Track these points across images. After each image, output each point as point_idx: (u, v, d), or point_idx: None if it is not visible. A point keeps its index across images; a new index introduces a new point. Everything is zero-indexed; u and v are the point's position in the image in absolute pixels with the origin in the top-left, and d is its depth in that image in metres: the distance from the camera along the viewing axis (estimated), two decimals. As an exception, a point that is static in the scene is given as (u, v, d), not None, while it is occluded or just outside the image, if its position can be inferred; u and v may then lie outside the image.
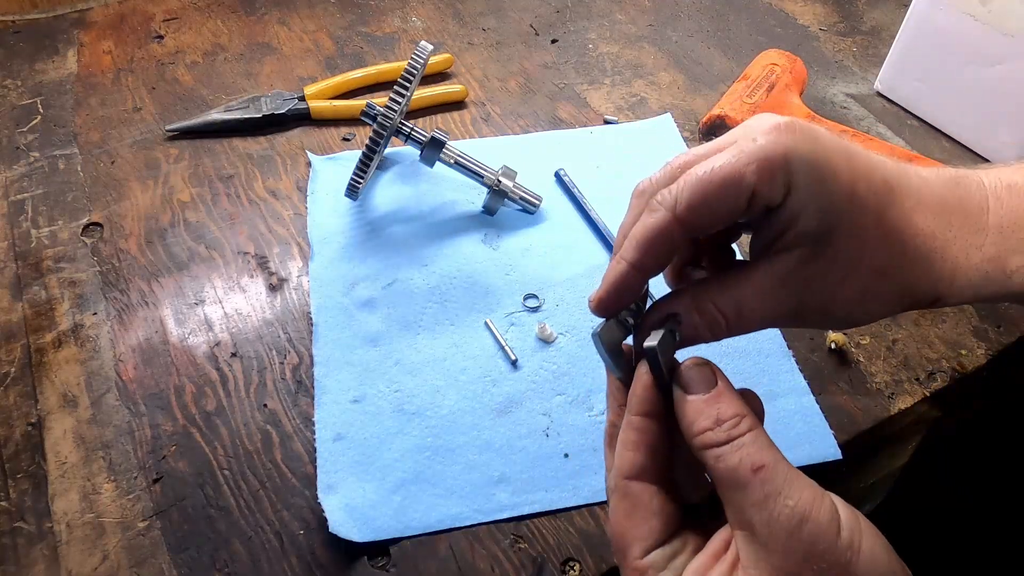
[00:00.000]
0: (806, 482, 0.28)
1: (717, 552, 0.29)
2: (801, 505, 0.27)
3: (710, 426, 0.29)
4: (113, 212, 0.64)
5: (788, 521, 0.27)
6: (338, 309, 0.56)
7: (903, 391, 0.53)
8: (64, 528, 0.45)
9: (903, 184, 0.34)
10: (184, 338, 0.55)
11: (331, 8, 0.88)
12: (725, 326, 0.33)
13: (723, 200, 0.31)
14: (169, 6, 0.87)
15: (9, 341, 0.55)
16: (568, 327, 0.56)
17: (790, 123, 0.31)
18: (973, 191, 0.36)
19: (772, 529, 0.27)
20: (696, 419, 0.30)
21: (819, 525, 0.27)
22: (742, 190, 0.30)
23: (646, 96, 0.77)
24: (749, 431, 0.29)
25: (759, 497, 0.27)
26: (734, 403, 0.30)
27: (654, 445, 0.32)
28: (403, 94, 0.57)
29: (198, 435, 0.50)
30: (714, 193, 0.30)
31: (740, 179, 0.30)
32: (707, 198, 0.31)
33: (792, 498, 0.27)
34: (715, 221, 0.31)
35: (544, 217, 0.64)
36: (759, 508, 0.27)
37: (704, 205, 0.31)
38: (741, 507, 0.28)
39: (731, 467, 0.28)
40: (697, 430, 0.30)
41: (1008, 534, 0.89)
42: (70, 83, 0.76)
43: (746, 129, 0.32)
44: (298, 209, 0.64)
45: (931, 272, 0.34)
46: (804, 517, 0.27)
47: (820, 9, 0.90)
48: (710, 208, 0.31)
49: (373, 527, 0.45)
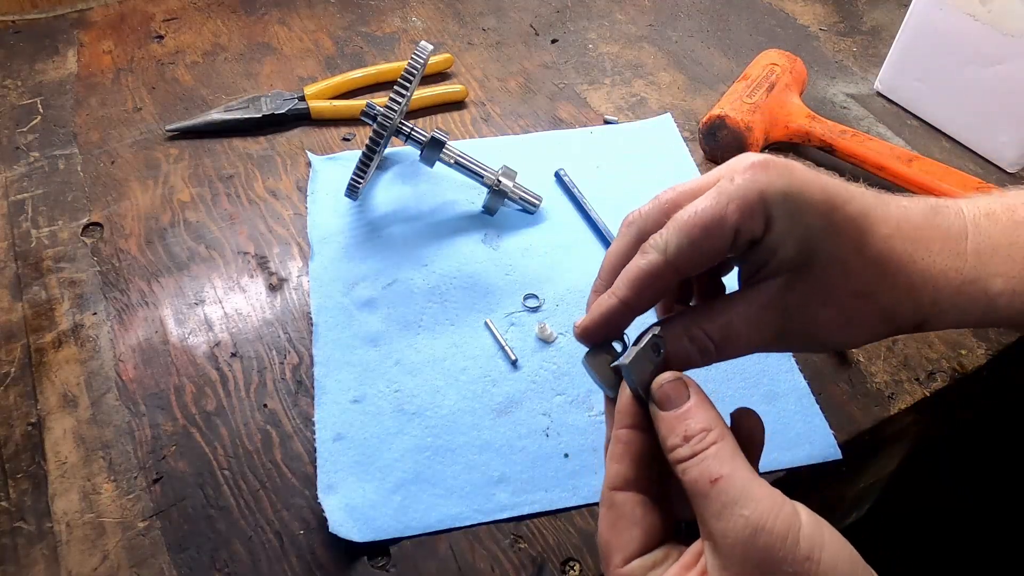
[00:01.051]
0: (766, 492, 0.28)
1: (688, 564, 0.30)
2: (756, 515, 0.27)
3: (679, 442, 0.31)
4: (113, 212, 0.64)
5: (742, 531, 0.27)
6: (338, 309, 0.56)
7: (903, 391, 0.53)
8: (64, 528, 0.45)
9: (881, 212, 0.36)
10: (184, 338, 0.55)
11: (331, 8, 0.88)
12: (714, 351, 0.34)
13: (710, 241, 0.33)
14: (169, 6, 0.87)
15: (9, 341, 0.55)
16: (568, 327, 0.56)
17: (764, 161, 0.33)
18: (952, 219, 0.37)
19: (728, 539, 0.28)
20: (668, 435, 0.31)
21: (773, 535, 0.27)
22: (726, 230, 0.32)
23: (646, 96, 0.77)
24: (712, 444, 0.30)
25: (717, 507, 0.28)
26: (702, 418, 0.31)
27: (639, 456, 0.33)
28: (403, 94, 0.57)
29: (198, 435, 0.50)
30: (700, 235, 0.33)
31: (723, 220, 0.32)
32: (694, 240, 0.33)
33: (748, 508, 0.28)
34: (704, 260, 0.33)
35: (544, 217, 0.64)
36: (717, 518, 0.28)
37: (692, 247, 0.33)
38: (704, 518, 0.29)
39: (693, 479, 0.29)
40: (669, 446, 0.31)
41: (1008, 534, 0.89)
42: (70, 83, 0.76)
43: (726, 169, 0.34)
44: (298, 209, 0.64)
45: (912, 295, 0.36)
46: (758, 527, 0.27)
47: (820, 9, 0.90)
48: (699, 250, 0.33)
49: (373, 527, 0.45)
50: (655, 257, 0.33)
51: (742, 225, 0.32)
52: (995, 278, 0.36)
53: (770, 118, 0.68)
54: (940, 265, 0.36)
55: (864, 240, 0.35)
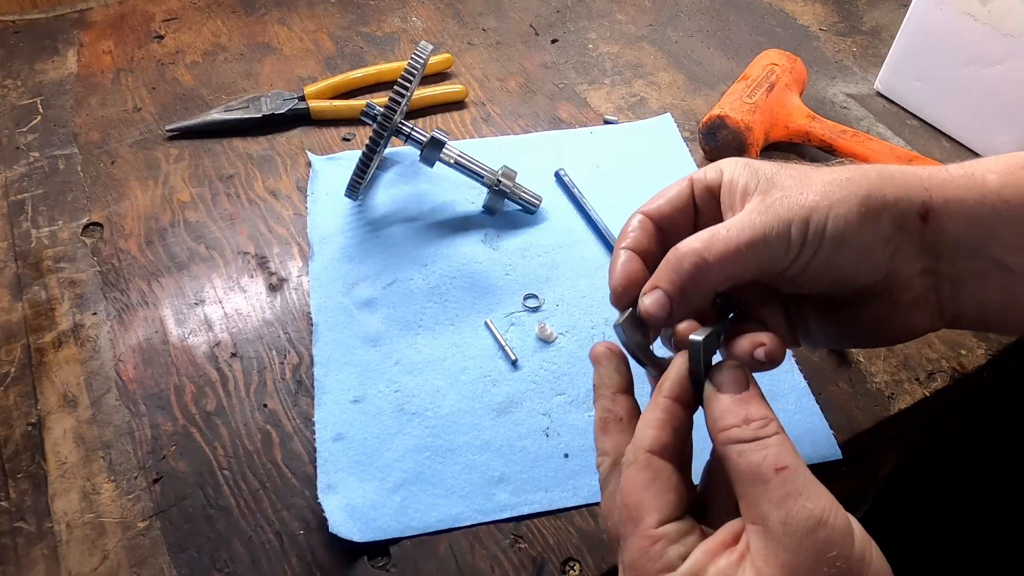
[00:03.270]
0: (825, 491, 0.29)
1: (726, 541, 0.30)
2: (819, 510, 0.28)
3: (737, 423, 0.31)
4: (113, 212, 0.64)
5: (806, 521, 0.28)
6: (338, 309, 0.56)
7: (903, 391, 0.53)
8: (64, 528, 0.45)
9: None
10: (184, 338, 0.55)
11: (331, 8, 0.88)
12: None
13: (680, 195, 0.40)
14: (169, 6, 0.87)
15: (9, 341, 0.55)
16: (568, 327, 0.56)
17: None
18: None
19: (788, 527, 0.28)
20: (725, 415, 0.31)
21: (835, 531, 0.28)
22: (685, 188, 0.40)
23: (646, 96, 0.77)
24: (775, 434, 0.30)
25: (779, 495, 0.28)
26: (763, 407, 0.32)
27: (679, 429, 0.33)
28: (403, 94, 0.57)
29: (198, 435, 0.50)
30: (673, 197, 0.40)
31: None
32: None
33: (811, 501, 0.28)
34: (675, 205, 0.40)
35: (544, 217, 0.64)
36: (777, 505, 0.28)
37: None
38: (758, 503, 0.29)
39: (754, 463, 0.29)
40: (724, 425, 0.31)
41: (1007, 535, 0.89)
42: (70, 83, 0.76)
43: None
44: (298, 209, 0.64)
45: (903, 181, 0.36)
46: (821, 521, 0.28)
47: (820, 9, 0.90)
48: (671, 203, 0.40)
49: (373, 527, 0.45)
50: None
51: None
52: (988, 174, 0.36)
53: (770, 118, 0.68)
54: (924, 171, 0.37)
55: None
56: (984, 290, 0.37)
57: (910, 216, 0.36)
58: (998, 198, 0.35)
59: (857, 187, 0.35)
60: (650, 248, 0.38)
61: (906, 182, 0.36)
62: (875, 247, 0.35)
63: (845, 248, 0.35)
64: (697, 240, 0.35)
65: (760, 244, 0.34)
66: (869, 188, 0.35)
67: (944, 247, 0.36)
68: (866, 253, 0.35)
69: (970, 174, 0.36)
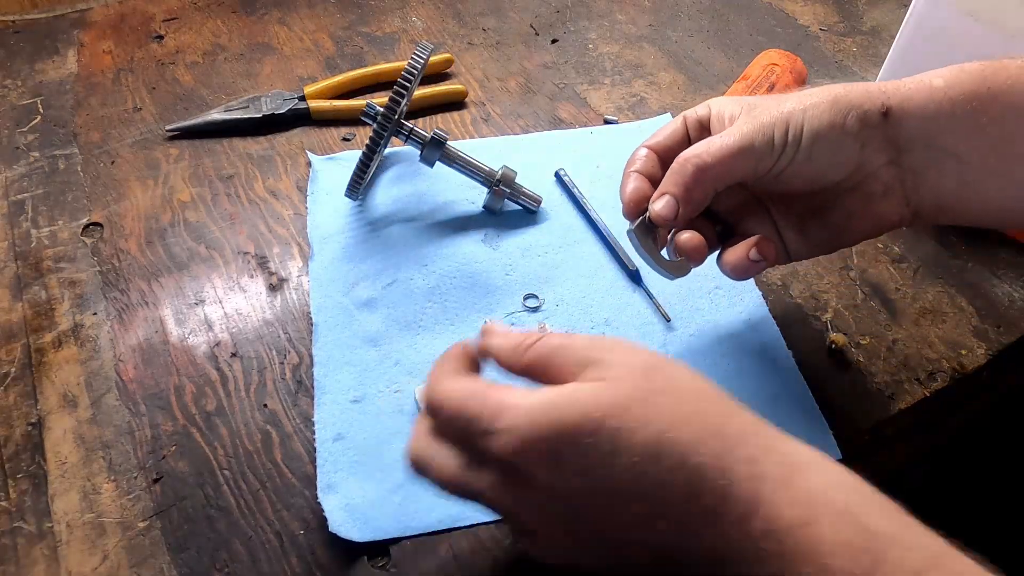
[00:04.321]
0: None
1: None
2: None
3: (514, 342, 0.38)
4: (113, 212, 0.64)
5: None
6: (338, 309, 0.56)
7: (903, 391, 0.53)
8: (64, 528, 0.45)
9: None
10: (184, 338, 0.55)
11: (331, 8, 0.88)
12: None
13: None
14: (169, 6, 0.87)
15: (9, 341, 0.55)
16: (568, 327, 0.56)
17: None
18: None
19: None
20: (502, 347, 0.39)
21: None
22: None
23: (646, 96, 0.77)
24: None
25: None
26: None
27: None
28: (403, 94, 0.57)
29: (198, 435, 0.50)
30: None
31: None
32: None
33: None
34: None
35: (544, 217, 0.64)
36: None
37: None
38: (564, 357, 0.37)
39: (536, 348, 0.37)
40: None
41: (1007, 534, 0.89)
42: (70, 83, 0.76)
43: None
44: (298, 209, 0.64)
45: (874, 87, 0.44)
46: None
47: (820, 9, 0.90)
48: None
49: (373, 527, 0.45)
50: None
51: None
52: (935, 79, 0.43)
53: (770, 118, 0.68)
54: (882, 83, 0.44)
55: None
56: (940, 179, 0.43)
57: (873, 114, 0.42)
58: (944, 96, 0.42)
59: (826, 94, 0.43)
60: (654, 172, 0.47)
61: (867, 89, 0.43)
62: (845, 141, 0.42)
63: (820, 144, 0.41)
64: (696, 147, 0.43)
65: (748, 146, 0.42)
66: (836, 94, 0.42)
67: (903, 140, 0.43)
68: (837, 148, 0.42)
69: (919, 80, 0.43)
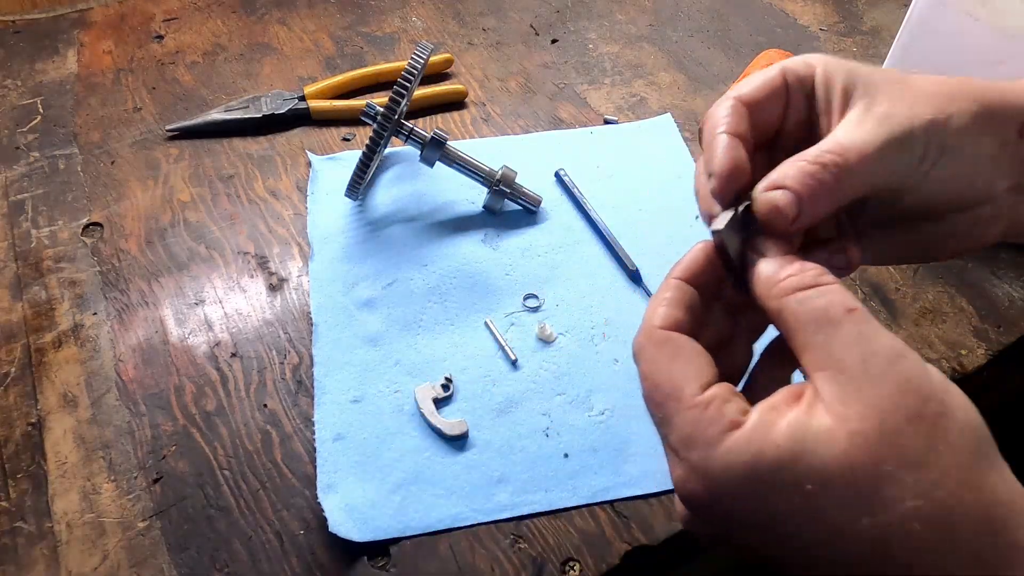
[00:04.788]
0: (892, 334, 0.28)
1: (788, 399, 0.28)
2: (899, 343, 0.27)
3: (795, 272, 0.29)
4: (113, 212, 0.64)
5: (887, 355, 0.26)
6: (338, 309, 0.56)
7: (903, 391, 0.53)
8: (64, 528, 0.45)
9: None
10: (184, 338, 0.55)
11: (331, 8, 0.88)
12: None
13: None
14: (169, 6, 0.87)
15: (9, 341, 0.55)
16: (568, 327, 0.56)
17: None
18: None
19: (868, 364, 0.26)
20: (778, 270, 0.30)
21: (915, 363, 0.27)
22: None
23: (646, 96, 0.77)
24: (835, 282, 0.29)
25: (853, 335, 0.27)
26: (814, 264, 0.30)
27: (693, 308, 0.32)
28: (403, 94, 0.57)
29: (198, 435, 0.50)
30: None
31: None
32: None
33: (887, 338, 0.27)
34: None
35: (544, 217, 0.64)
36: (852, 346, 0.27)
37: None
38: (829, 347, 0.27)
39: (820, 307, 0.28)
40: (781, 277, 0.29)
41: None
42: (70, 83, 0.76)
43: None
44: (298, 209, 0.64)
45: (1011, 93, 0.36)
46: (901, 353, 0.27)
47: (820, 9, 0.90)
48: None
49: (373, 527, 0.45)
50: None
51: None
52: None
53: (770, 118, 0.68)
54: (1019, 85, 0.36)
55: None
56: None
57: (1011, 131, 0.35)
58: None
59: (969, 101, 0.35)
60: (748, 136, 0.35)
61: (1004, 97, 0.35)
62: (983, 162, 0.34)
63: (955, 166, 0.34)
64: (829, 143, 0.32)
65: (892, 155, 0.32)
66: (979, 102, 0.35)
67: None
68: (975, 168, 0.34)
69: None
